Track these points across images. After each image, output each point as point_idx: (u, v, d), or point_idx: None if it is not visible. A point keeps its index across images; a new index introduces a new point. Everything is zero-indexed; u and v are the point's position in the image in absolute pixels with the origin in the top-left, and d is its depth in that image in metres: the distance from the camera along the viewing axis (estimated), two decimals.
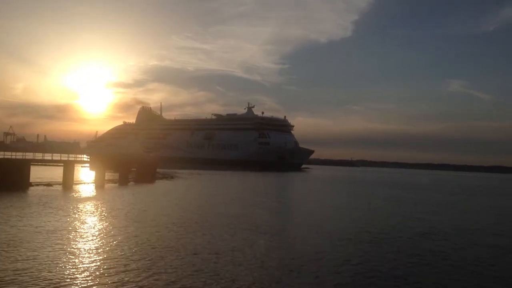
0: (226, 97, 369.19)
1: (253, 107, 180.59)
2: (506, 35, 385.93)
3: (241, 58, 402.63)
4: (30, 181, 39.96)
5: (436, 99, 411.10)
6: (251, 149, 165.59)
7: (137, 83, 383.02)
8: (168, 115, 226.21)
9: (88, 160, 51.00)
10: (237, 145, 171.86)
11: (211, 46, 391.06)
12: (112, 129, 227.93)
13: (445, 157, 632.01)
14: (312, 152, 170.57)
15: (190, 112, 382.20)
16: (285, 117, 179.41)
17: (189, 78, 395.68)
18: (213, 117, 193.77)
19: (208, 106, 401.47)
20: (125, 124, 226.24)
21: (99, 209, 27.19)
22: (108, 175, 49.78)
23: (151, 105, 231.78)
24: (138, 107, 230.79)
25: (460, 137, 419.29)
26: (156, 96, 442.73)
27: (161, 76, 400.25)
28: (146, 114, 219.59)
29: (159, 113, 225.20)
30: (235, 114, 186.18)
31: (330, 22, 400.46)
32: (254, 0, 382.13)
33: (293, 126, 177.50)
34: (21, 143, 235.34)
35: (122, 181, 49.44)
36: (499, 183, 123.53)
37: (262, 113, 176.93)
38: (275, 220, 27.00)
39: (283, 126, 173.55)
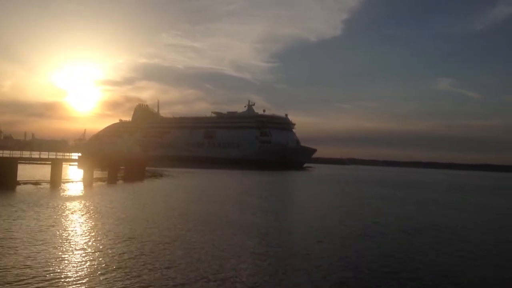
0: (216, 95, 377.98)
1: (254, 105, 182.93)
2: (495, 34, 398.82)
3: (231, 56, 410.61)
4: (18, 179, 41.27)
5: (425, 97, 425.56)
6: (252, 148, 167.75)
7: (126, 81, 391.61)
8: (161, 113, 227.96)
9: (77, 158, 53.09)
10: (238, 143, 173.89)
11: (200, 44, 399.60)
12: (108, 127, 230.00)
13: (434, 155, 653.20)
14: (314, 150, 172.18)
15: (180, 110, 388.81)
16: (286, 115, 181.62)
17: (179, 76, 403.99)
18: (213, 115, 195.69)
19: (198, 104, 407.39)
20: (121, 122, 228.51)
21: (85, 208, 28.90)
22: (96, 174, 51.68)
23: (145, 103, 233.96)
24: (127, 105, 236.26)
25: (448, 136, 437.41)
26: (146, 94, 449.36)
27: (151, 74, 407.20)
28: (143, 112, 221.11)
29: (156, 110, 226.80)
30: (235, 112, 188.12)
31: (320, 21, 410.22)
32: None
33: (294, 124, 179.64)
34: (9, 141, 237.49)
35: (111, 180, 51.50)
36: (493, 182, 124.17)
37: (264, 111, 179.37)
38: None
39: (284, 124, 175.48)
